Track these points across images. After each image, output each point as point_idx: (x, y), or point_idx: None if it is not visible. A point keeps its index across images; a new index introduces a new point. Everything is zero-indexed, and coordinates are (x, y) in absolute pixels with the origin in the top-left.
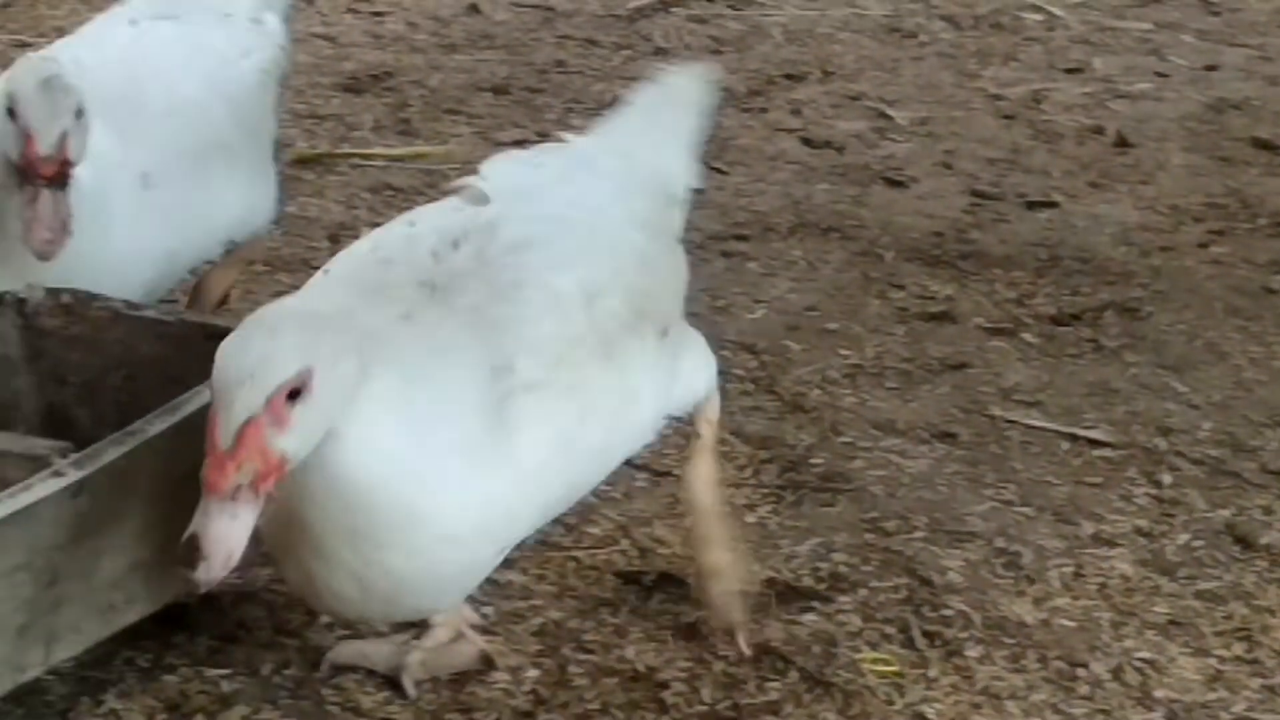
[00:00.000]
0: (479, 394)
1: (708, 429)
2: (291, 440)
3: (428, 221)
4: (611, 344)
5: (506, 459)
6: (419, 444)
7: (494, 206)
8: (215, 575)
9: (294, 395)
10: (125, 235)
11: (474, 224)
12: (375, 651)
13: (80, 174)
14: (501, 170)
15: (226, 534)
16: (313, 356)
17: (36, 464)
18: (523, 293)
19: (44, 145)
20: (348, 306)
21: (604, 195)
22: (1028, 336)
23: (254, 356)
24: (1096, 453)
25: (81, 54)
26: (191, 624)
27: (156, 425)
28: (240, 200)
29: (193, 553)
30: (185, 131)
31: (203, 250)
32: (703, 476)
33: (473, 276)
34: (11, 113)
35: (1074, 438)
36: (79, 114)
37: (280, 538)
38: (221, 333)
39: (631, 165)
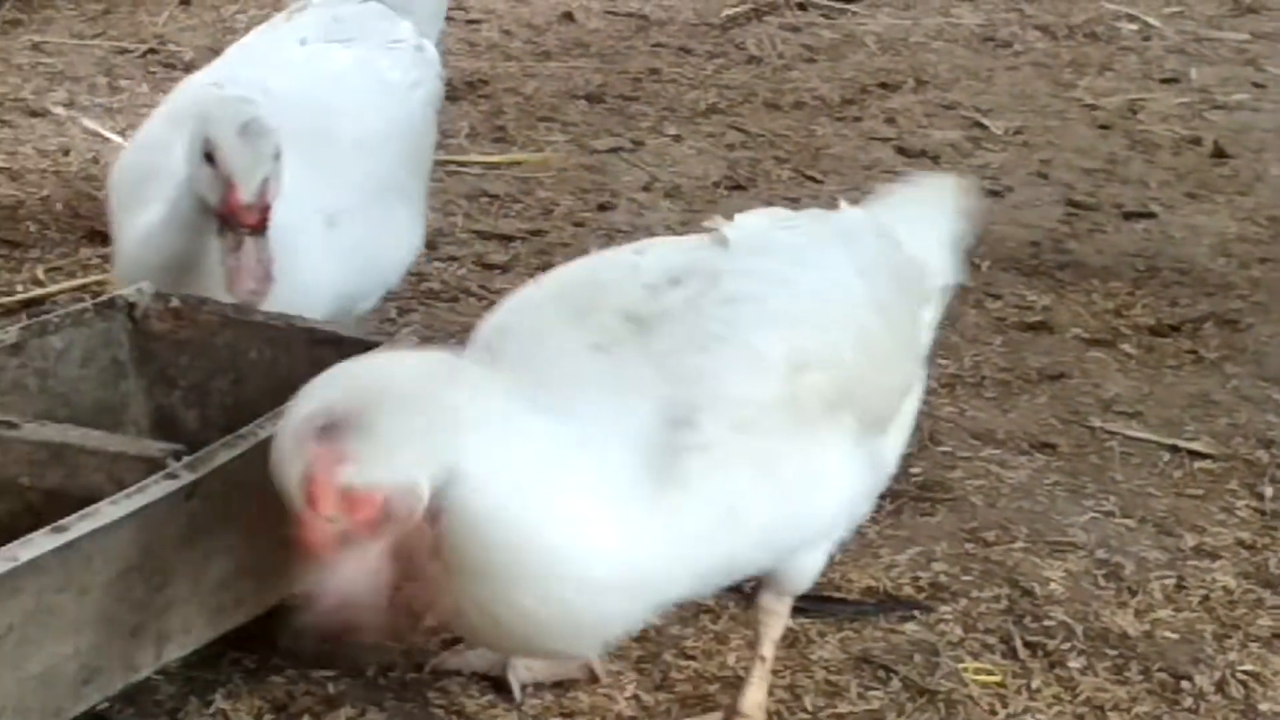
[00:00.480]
0: (649, 443)
1: (771, 649)
2: (365, 468)
3: (656, 254)
4: (807, 421)
5: (664, 516)
6: (562, 484)
7: (727, 254)
8: (333, 620)
9: (330, 428)
10: (309, 273)
11: (699, 266)
12: (481, 655)
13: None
14: (753, 222)
15: (351, 583)
16: (341, 386)
17: (150, 466)
18: (722, 347)
19: (247, 193)
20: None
21: (849, 269)
22: (1127, 347)
23: (288, 422)
24: (1197, 464)
25: (268, 79)
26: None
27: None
28: (407, 240)
29: (310, 601)
30: (369, 166)
31: (372, 292)
32: (754, 700)
33: (679, 321)
34: (210, 157)
35: (1175, 449)
36: (277, 156)
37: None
38: (327, 337)
39: (890, 248)
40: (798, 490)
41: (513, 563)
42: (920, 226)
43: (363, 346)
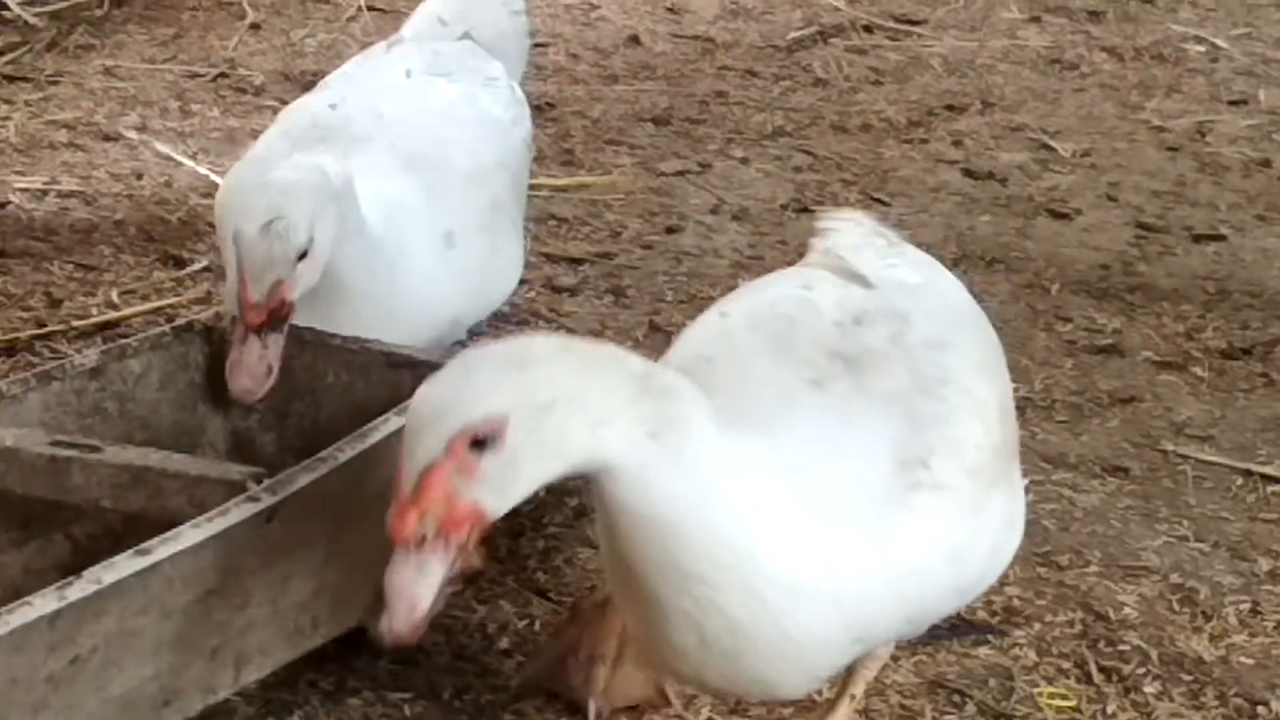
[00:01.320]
0: (877, 479)
1: (863, 687)
2: (484, 492)
3: (824, 290)
4: (1005, 470)
5: (885, 544)
6: (771, 497)
7: (887, 294)
8: (399, 627)
9: (480, 443)
10: (424, 290)
11: (878, 307)
12: (557, 676)
13: (378, 223)
14: (867, 257)
15: (410, 585)
16: (508, 403)
17: (231, 489)
18: (948, 392)
19: (256, 293)
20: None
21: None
22: (1198, 370)
23: (442, 398)
24: (1271, 489)
25: (381, 104)
26: (372, 649)
27: (346, 452)
28: (512, 265)
29: (378, 603)
30: (482, 196)
31: (478, 315)
32: None
33: (893, 361)
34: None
35: (1248, 473)
36: (302, 257)
37: (620, 591)
38: (404, 361)
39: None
40: (1001, 539)
41: (714, 557)
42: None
43: (438, 370)
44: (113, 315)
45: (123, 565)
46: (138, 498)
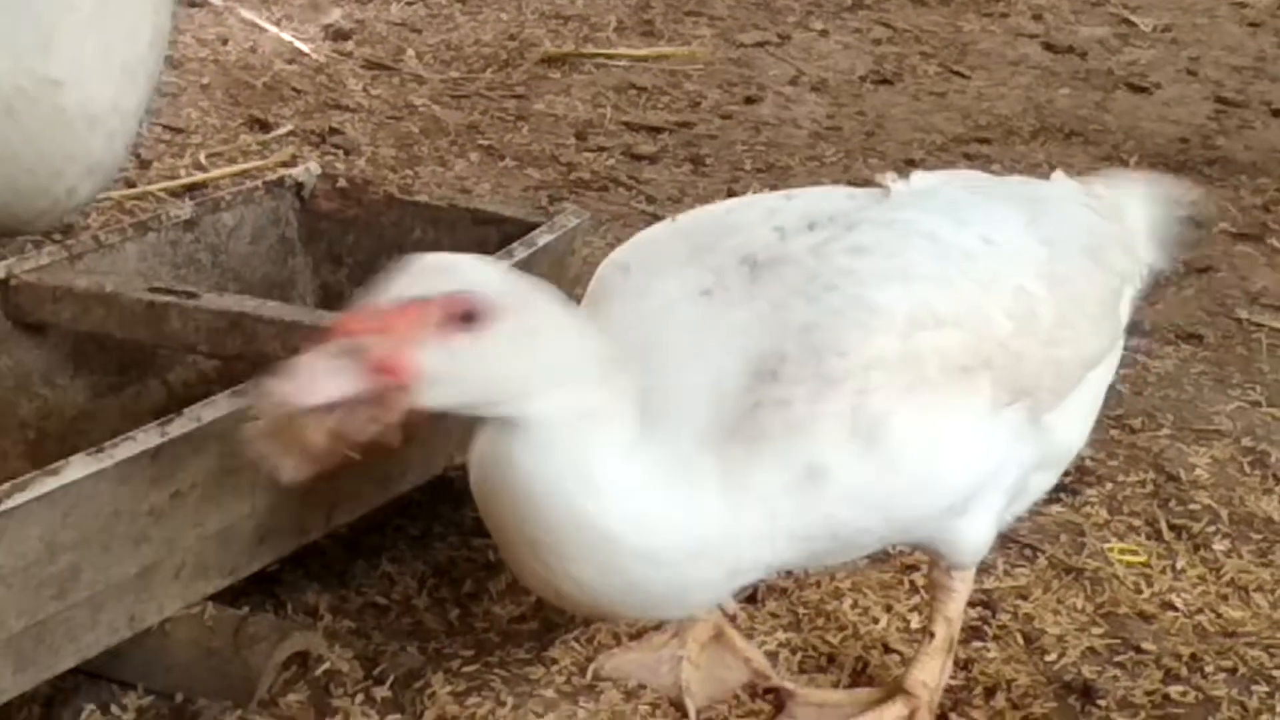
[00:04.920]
0: (726, 399)
1: (943, 626)
2: (438, 365)
3: (805, 199)
4: (926, 383)
5: (731, 476)
6: (613, 448)
7: (879, 204)
8: (278, 397)
9: (470, 317)
10: None
11: (841, 212)
12: (644, 666)
13: None
14: (931, 179)
15: (320, 371)
16: (518, 304)
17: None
18: (829, 296)
19: None
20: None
21: (1018, 230)
22: (1274, 242)
23: (476, 261)
24: None
25: None
26: (457, 496)
27: None
28: None
29: (282, 369)
30: None
31: None
32: (918, 678)
33: (794, 266)
34: None
35: None
36: None
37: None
38: (490, 217)
39: (1098, 219)
40: (910, 455)
41: (564, 535)
42: (1134, 205)
43: (525, 227)
44: (200, 176)
45: (222, 404)
46: (234, 342)
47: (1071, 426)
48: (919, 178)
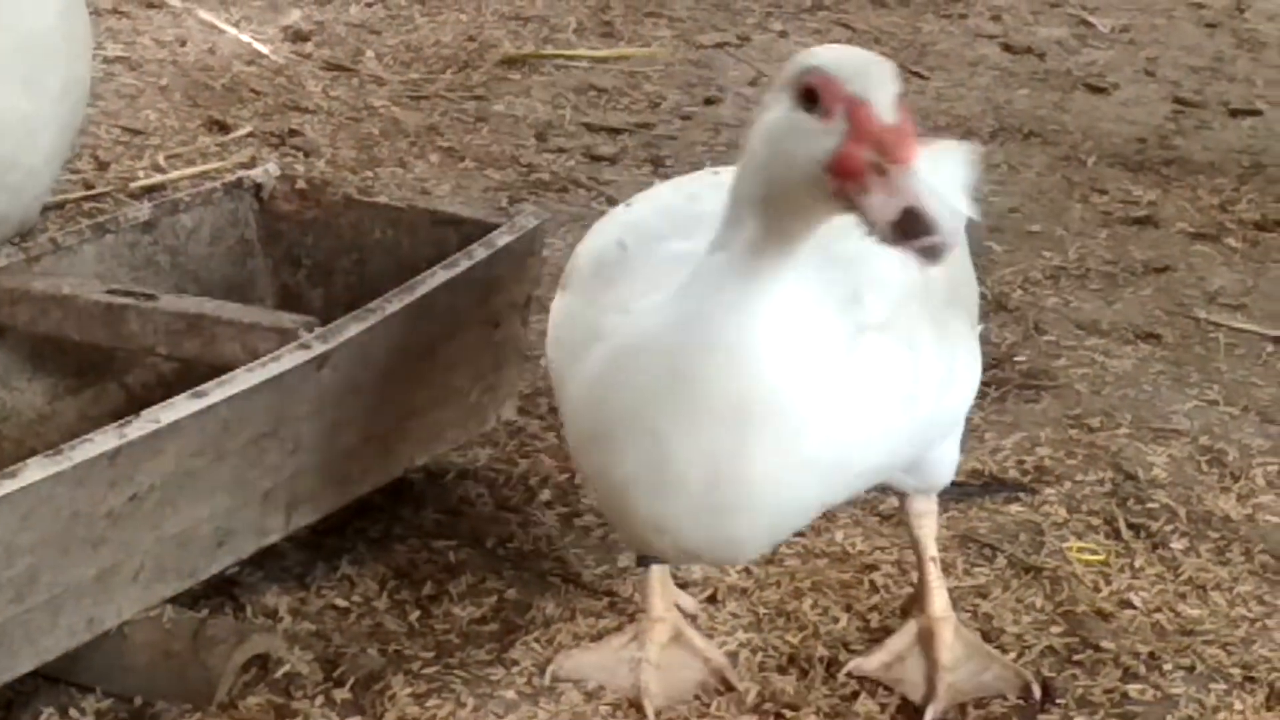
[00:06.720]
0: (839, 323)
1: (935, 546)
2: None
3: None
4: (939, 312)
5: (856, 398)
6: (813, 348)
7: None
8: (947, 228)
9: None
10: None
11: None
12: (603, 667)
13: None
14: None
15: (929, 193)
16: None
17: (284, 336)
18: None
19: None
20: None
21: None
22: (1231, 241)
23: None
24: None
25: None
26: (418, 498)
27: (394, 304)
28: None
29: (915, 221)
30: None
31: None
32: (943, 601)
33: None
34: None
35: (1278, 340)
36: None
37: (639, 410)
38: (448, 219)
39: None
40: (942, 378)
41: (772, 409)
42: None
43: (482, 228)
44: (159, 178)
45: (180, 406)
46: (192, 344)
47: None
48: None
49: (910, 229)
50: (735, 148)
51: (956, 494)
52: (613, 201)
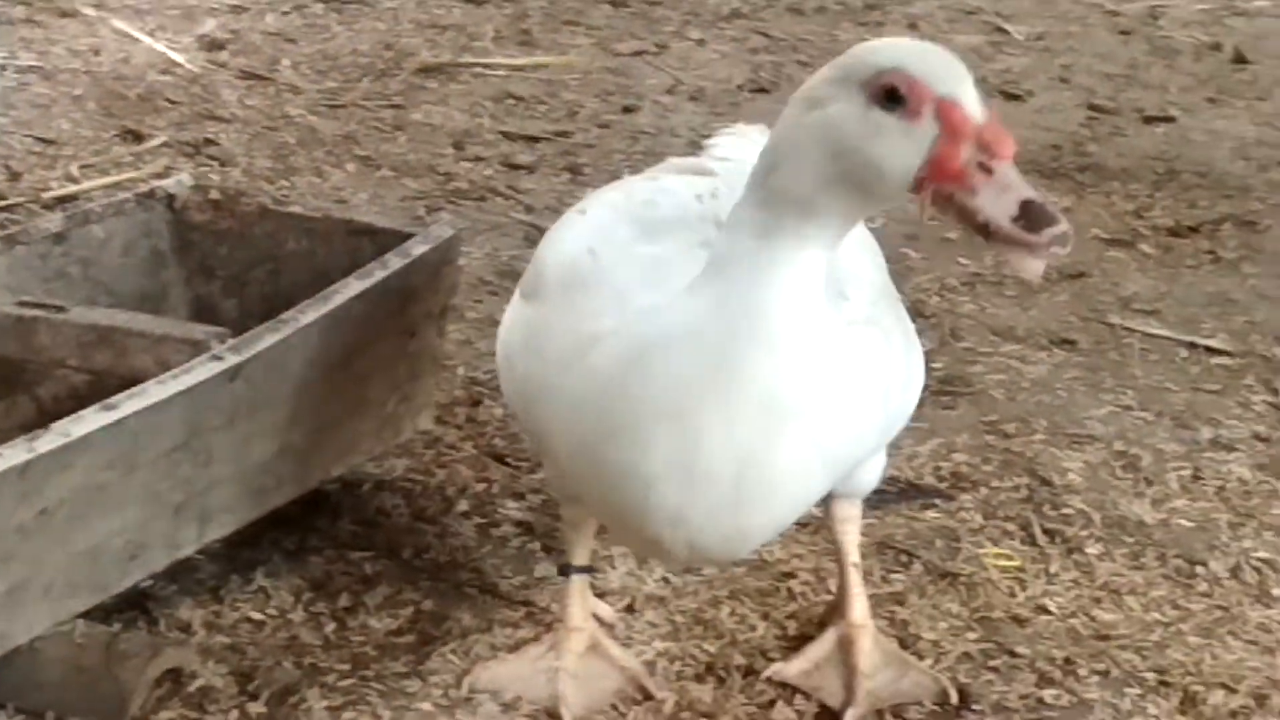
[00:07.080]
0: (837, 317)
1: (857, 552)
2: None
3: (672, 179)
4: (900, 312)
5: (848, 387)
6: (829, 342)
7: (728, 176)
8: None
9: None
10: None
11: (726, 184)
12: (520, 678)
13: None
14: (726, 145)
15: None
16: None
17: (196, 348)
18: None
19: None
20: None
21: None
22: (1146, 247)
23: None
24: (1214, 360)
25: None
26: (333, 509)
27: (308, 314)
28: None
29: (1038, 212)
30: None
31: None
32: (865, 608)
33: None
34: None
35: (1192, 346)
36: None
37: (671, 402)
38: (363, 228)
39: None
40: (905, 375)
41: (806, 393)
42: None
43: (400, 237)
44: (72, 189)
45: (90, 419)
46: (103, 357)
47: None
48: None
49: (1035, 220)
50: (654, 156)
51: (874, 500)
52: (531, 210)
